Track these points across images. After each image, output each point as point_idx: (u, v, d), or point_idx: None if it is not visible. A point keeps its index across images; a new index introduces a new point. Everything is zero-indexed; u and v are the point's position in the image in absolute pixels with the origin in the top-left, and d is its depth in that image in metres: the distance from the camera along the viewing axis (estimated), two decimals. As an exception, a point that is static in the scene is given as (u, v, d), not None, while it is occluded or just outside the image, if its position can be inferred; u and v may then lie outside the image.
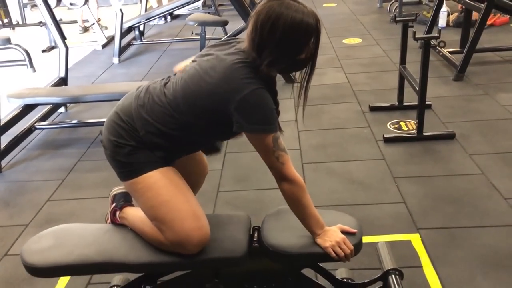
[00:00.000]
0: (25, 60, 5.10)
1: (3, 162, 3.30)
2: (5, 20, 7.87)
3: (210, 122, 1.51)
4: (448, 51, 4.65)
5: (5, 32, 7.62)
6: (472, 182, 2.70)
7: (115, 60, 5.61)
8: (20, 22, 8.15)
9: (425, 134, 3.19)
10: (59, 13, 8.17)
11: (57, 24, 4.14)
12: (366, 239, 2.24)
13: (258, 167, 3.03)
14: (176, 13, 7.43)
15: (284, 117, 3.71)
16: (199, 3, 7.60)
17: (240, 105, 1.43)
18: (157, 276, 1.77)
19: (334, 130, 3.50)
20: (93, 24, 6.61)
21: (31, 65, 4.84)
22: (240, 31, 5.06)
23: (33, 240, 1.70)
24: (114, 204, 1.75)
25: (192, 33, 5.34)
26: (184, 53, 5.24)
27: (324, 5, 8.11)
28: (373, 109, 3.75)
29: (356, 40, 5.80)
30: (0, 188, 3.03)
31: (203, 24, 4.66)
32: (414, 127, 3.28)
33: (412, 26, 3.39)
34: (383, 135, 3.26)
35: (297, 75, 1.67)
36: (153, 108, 1.52)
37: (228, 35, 5.41)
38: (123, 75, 5.18)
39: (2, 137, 3.31)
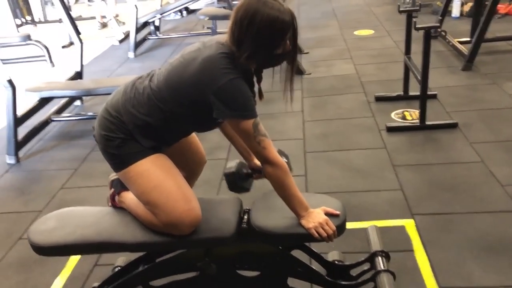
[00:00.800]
0: (44, 56, 5.33)
1: (21, 153, 3.47)
2: (28, 18, 8.12)
3: (193, 110, 1.60)
4: (458, 41, 4.64)
5: (28, 29, 7.87)
6: (471, 169, 2.74)
7: (131, 54, 5.76)
8: (42, 19, 8.39)
9: (427, 123, 3.23)
10: (78, 9, 8.41)
11: (72, 20, 4.29)
12: (361, 224, 2.33)
13: (262, 156, 3.13)
14: (192, 7, 7.55)
15: (290, 108, 3.82)
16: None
17: (219, 93, 1.52)
18: (154, 256, 1.88)
19: (338, 120, 3.56)
20: (110, 19, 6.77)
21: (50, 60, 5.03)
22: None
23: (39, 222, 1.82)
24: (112, 189, 1.86)
25: (204, 27, 5.45)
26: (197, 47, 5.34)
27: (339, -4, 8.10)
28: (378, 99, 3.79)
29: (368, 32, 5.81)
30: (17, 177, 3.21)
31: (214, 18, 4.75)
32: (418, 116, 3.31)
33: (416, 17, 3.41)
34: (386, 125, 3.31)
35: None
36: (139, 101, 1.62)
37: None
38: (138, 69, 5.33)
39: (20, 128, 3.48)
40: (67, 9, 4.29)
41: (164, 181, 1.63)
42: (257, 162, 1.95)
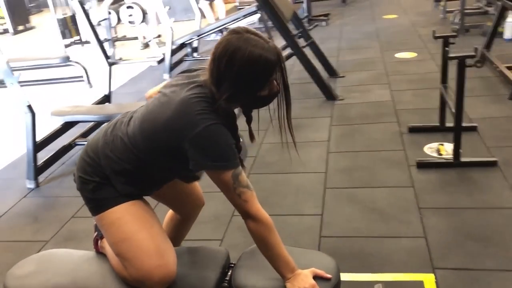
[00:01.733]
0: (82, 77, 5.43)
1: (42, 177, 3.48)
2: (76, 38, 8.39)
3: (168, 159, 1.47)
4: (506, 66, 4.28)
5: (76, 49, 8.13)
6: (508, 217, 2.43)
7: (166, 76, 5.77)
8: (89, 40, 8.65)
9: (462, 160, 2.94)
10: (123, 29, 8.59)
11: (100, 42, 4.32)
12: (373, 277, 2.10)
13: (279, 191, 2.96)
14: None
15: (316, 137, 3.62)
16: (255, 18, 7.63)
17: (194, 141, 1.37)
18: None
19: (366, 152, 3.33)
20: (150, 40, 6.85)
21: (88, 81, 5.10)
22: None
23: (17, 265, 1.74)
24: (96, 233, 1.75)
25: None
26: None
27: (384, 16, 7.83)
28: (412, 130, 3.53)
29: (411, 54, 5.51)
30: (33, 202, 3.20)
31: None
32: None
33: (453, 43, 3.14)
34: (416, 160, 3.04)
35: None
36: (116, 146, 1.51)
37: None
38: (170, 91, 5.30)
39: (43, 152, 3.49)
40: (95, 32, 4.33)
41: (136, 233, 1.50)
42: None
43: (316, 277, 1.47)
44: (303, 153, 3.41)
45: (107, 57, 4.32)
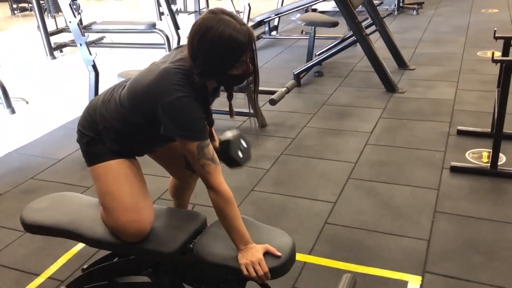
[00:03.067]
0: (164, 44, 5.80)
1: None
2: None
3: (147, 121, 1.60)
4: None
5: (167, 20, 8.60)
6: (525, 235, 2.30)
7: (239, 51, 5.94)
8: (182, 9, 9.07)
9: (500, 169, 2.78)
10: (210, 3, 8.86)
11: (173, 14, 4.58)
12: (361, 269, 2.13)
13: (302, 174, 3.02)
14: (320, 10, 7.46)
15: (360, 127, 3.60)
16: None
17: (166, 109, 1.51)
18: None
19: (404, 149, 3.25)
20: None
21: (169, 49, 5.45)
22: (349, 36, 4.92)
23: (36, 201, 2.03)
24: None
25: (302, 32, 5.36)
26: (303, 52, 5.30)
27: (483, 10, 7.30)
28: (460, 132, 3.37)
29: (496, 54, 5.13)
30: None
31: (311, 24, 4.66)
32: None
33: (515, 45, 2.94)
34: (451, 163, 2.93)
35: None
36: (110, 106, 1.69)
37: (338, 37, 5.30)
38: (239, 66, 5.48)
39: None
40: (169, 4, 4.58)
41: (118, 188, 1.68)
42: None
43: (268, 254, 1.56)
44: (341, 142, 3.42)
45: (177, 28, 4.58)
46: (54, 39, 6.47)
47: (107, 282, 1.97)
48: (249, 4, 5.78)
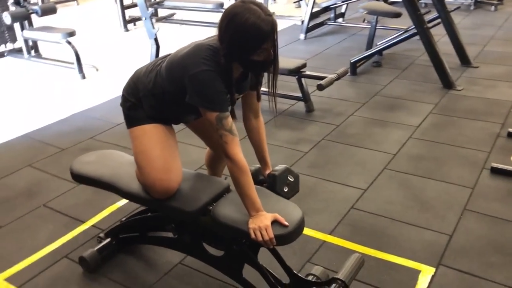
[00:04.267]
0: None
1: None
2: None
3: (177, 89, 1.76)
4: None
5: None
6: (554, 242, 2.25)
7: (302, 36, 6.00)
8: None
9: (542, 175, 2.70)
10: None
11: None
12: (377, 254, 2.20)
13: (339, 161, 3.09)
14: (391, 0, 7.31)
15: (407, 120, 3.58)
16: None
17: (191, 79, 1.67)
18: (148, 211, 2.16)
19: (448, 146, 3.22)
20: (301, 0, 7.08)
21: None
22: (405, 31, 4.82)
23: (85, 155, 2.28)
24: None
25: (364, 20, 5.31)
26: (365, 41, 5.26)
27: None
28: (511, 135, 3.27)
29: None
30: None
31: (373, 13, 4.62)
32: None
33: None
34: (492, 164, 2.88)
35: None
36: (151, 75, 1.86)
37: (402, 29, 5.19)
38: (298, 51, 5.55)
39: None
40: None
41: (151, 149, 1.87)
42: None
43: (276, 222, 1.68)
44: (384, 133, 3.44)
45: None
46: (129, 13, 6.86)
47: (138, 234, 2.19)
48: (315, -10, 5.81)
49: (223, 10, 1.68)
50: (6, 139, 3.53)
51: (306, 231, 2.38)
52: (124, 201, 2.66)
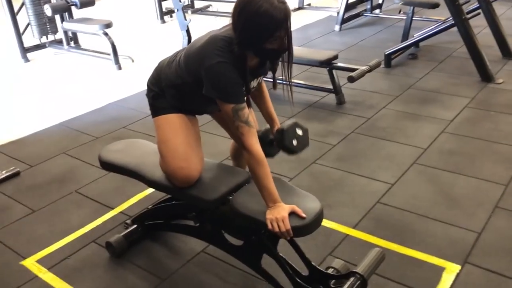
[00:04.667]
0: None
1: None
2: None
3: (195, 80, 1.78)
4: None
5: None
6: None
7: (336, 27, 5.92)
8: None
9: None
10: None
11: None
12: (400, 249, 2.16)
13: (368, 154, 3.05)
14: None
15: (441, 114, 3.48)
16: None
17: (207, 71, 1.68)
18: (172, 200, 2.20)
19: (482, 141, 3.11)
20: (338, -9, 6.96)
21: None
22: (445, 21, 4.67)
23: (113, 143, 2.34)
24: None
25: (400, 11, 5.17)
26: (399, 32, 5.14)
27: None
28: (551, 131, 3.13)
29: None
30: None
31: (409, 3, 4.50)
32: None
33: None
34: (528, 161, 2.77)
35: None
36: (173, 66, 1.89)
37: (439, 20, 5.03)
38: (332, 42, 5.48)
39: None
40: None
41: (173, 138, 1.90)
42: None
43: (294, 214, 1.68)
44: (416, 127, 3.36)
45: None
46: (166, 4, 6.96)
47: (162, 221, 2.24)
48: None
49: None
50: (43, 127, 3.67)
51: (330, 224, 2.36)
52: (151, 189, 2.71)
